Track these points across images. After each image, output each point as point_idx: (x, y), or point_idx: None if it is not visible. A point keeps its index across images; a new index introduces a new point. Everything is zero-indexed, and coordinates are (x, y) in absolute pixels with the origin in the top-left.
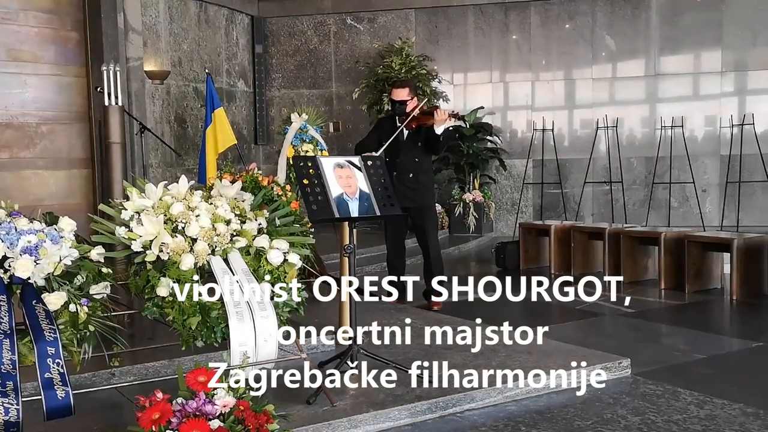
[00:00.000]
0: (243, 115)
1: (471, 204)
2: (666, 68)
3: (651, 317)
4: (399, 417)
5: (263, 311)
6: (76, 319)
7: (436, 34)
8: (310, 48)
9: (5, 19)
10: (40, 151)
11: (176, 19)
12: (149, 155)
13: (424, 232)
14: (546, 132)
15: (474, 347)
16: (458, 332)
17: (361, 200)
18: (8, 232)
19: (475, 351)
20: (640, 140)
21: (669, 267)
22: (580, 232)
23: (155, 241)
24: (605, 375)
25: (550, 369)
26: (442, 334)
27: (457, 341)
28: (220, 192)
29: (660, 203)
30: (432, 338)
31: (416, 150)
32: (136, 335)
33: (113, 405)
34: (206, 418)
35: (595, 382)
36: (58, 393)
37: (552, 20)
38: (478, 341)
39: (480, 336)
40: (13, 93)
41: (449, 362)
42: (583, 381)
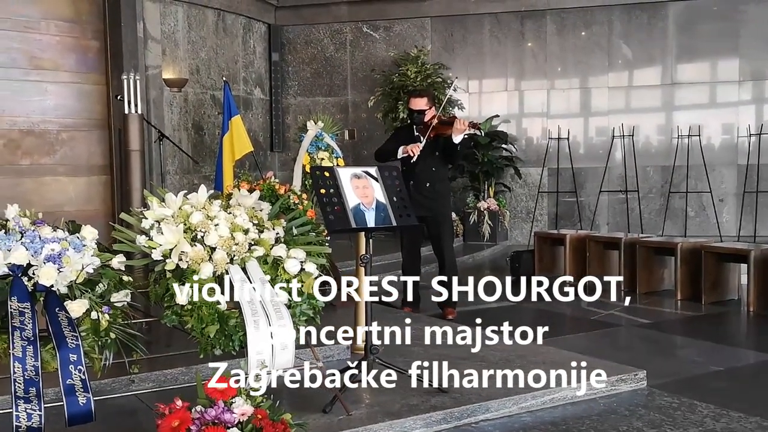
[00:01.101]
0: (259, 123)
1: (486, 212)
2: (682, 77)
3: (667, 329)
4: (414, 427)
5: (280, 320)
6: (97, 327)
7: (451, 43)
8: (326, 56)
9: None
10: (60, 157)
11: (194, 27)
12: (167, 162)
13: (440, 241)
14: (561, 140)
15: (488, 357)
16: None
17: (378, 210)
18: (32, 240)
19: (489, 361)
20: (657, 149)
21: (685, 278)
22: (596, 241)
23: (175, 249)
24: (621, 387)
25: (565, 380)
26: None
27: (472, 350)
28: (238, 201)
29: (676, 213)
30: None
31: (433, 159)
32: (154, 342)
33: (132, 411)
34: (225, 427)
35: (611, 394)
36: (79, 399)
37: (568, 29)
38: (493, 351)
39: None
40: (34, 100)
41: (464, 372)
42: (599, 392)
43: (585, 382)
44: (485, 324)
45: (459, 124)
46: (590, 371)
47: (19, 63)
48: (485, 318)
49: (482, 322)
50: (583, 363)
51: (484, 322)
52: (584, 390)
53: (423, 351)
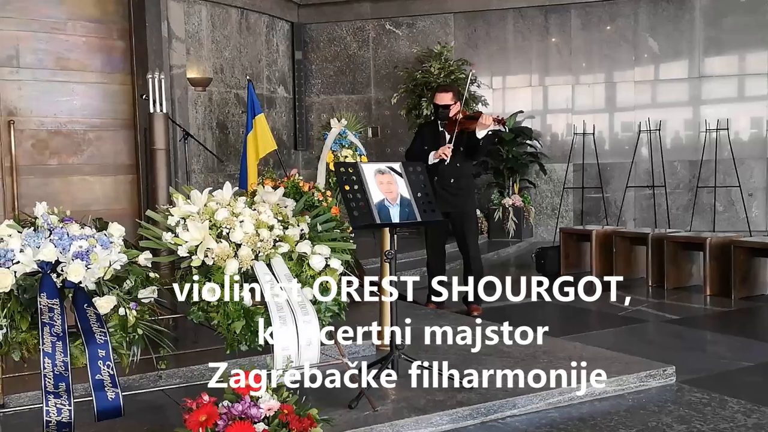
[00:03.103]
0: (283, 121)
1: (510, 209)
2: (710, 70)
3: (696, 324)
4: (440, 422)
5: (305, 315)
6: (125, 323)
7: (474, 38)
8: (349, 53)
9: (54, 29)
10: (87, 157)
11: (218, 26)
12: (192, 161)
13: (465, 237)
14: (587, 136)
15: (514, 353)
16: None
17: (402, 206)
18: (61, 238)
19: (515, 357)
20: (684, 143)
21: (714, 273)
22: (622, 237)
23: (201, 246)
24: (650, 383)
25: (593, 376)
26: (481, 338)
27: (497, 346)
28: (263, 198)
29: (704, 208)
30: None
31: (458, 155)
32: (180, 339)
33: (159, 407)
34: (251, 421)
35: (640, 390)
36: (108, 394)
37: (593, 23)
38: (519, 348)
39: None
40: (62, 101)
41: (490, 368)
42: (627, 388)
43: (614, 377)
44: (511, 321)
45: (484, 119)
46: (619, 367)
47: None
48: (511, 315)
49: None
50: (612, 358)
51: (509, 319)
52: (612, 385)
53: (448, 347)
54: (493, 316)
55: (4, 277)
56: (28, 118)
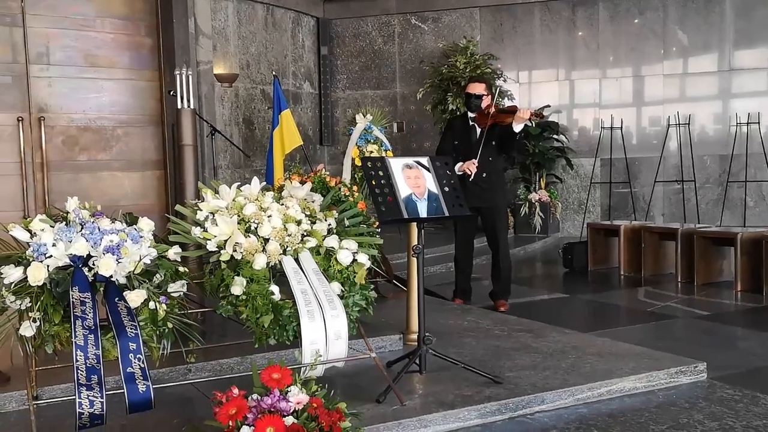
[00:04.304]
0: (308, 117)
1: (537, 204)
2: (740, 63)
3: (727, 320)
4: (468, 417)
5: (333, 310)
6: (155, 316)
7: (501, 33)
8: (375, 49)
9: (83, 26)
10: (116, 153)
11: (244, 22)
12: (219, 157)
13: (495, 232)
14: (614, 130)
15: (543, 349)
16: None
17: (430, 201)
18: (92, 232)
19: (543, 352)
20: (713, 137)
21: (745, 268)
22: (651, 232)
23: (229, 240)
24: (680, 379)
25: (622, 372)
26: (508, 333)
27: (525, 341)
28: (290, 193)
29: (735, 202)
30: (500, 338)
31: (490, 149)
32: (209, 333)
33: (188, 399)
34: (281, 415)
35: (670, 386)
36: (139, 387)
37: (621, 16)
38: (547, 343)
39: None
40: (91, 97)
41: (518, 363)
42: (658, 385)
43: (643, 373)
44: (538, 317)
45: (522, 113)
46: (648, 363)
47: (75, 61)
48: (538, 310)
49: (535, 314)
50: (641, 354)
51: (537, 315)
52: (642, 382)
53: (476, 342)
54: (521, 311)
55: (37, 271)
56: (58, 115)
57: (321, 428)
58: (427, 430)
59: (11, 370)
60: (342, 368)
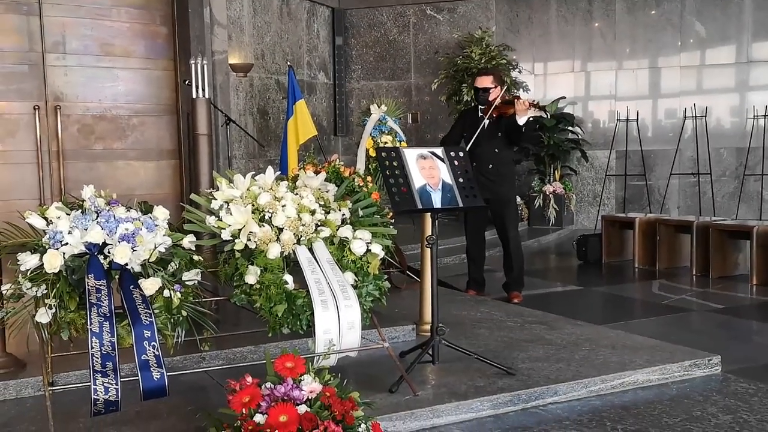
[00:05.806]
0: (323, 107)
1: (551, 196)
2: (759, 55)
3: (742, 314)
4: (481, 408)
5: (347, 300)
6: (169, 304)
7: (516, 23)
8: (390, 39)
9: (99, 15)
10: (131, 142)
11: (259, 12)
12: (233, 147)
13: (504, 224)
14: (630, 122)
15: (556, 340)
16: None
17: (444, 191)
18: (108, 220)
19: (557, 344)
20: (730, 130)
21: (761, 262)
22: (666, 225)
23: (243, 230)
24: (694, 372)
25: (636, 364)
26: (522, 325)
27: (539, 333)
28: (304, 183)
29: (751, 196)
30: (513, 329)
31: (496, 140)
32: (223, 321)
33: (202, 387)
34: (294, 403)
35: (684, 379)
36: (153, 374)
37: (638, 6)
38: (561, 335)
39: (562, 329)
40: (106, 87)
41: (531, 355)
42: (671, 377)
43: (657, 366)
44: (553, 308)
45: (519, 104)
46: (662, 355)
47: (91, 50)
48: (552, 302)
49: (549, 306)
50: (654, 347)
51: (550, 306)
52: (655, 374)
53: (489, 333)
54: (535, 303)
55: (53, 258)
56: (74, 104)
57: (334, 417)
58: (439, 420)
59: (27, 356)
60: (355, 358)
